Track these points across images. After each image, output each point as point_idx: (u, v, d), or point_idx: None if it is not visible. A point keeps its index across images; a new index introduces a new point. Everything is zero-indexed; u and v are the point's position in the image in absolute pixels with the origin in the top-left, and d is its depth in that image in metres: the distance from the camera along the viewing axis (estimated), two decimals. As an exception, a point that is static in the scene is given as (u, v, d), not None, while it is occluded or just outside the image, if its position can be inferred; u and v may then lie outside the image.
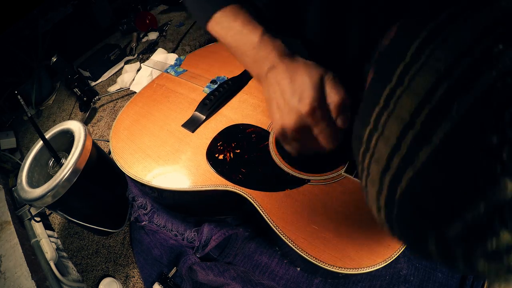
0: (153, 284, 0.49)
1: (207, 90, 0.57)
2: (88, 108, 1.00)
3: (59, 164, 0.53)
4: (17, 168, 0.78)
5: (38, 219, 0.61)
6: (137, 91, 0.94)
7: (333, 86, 0.34)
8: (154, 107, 0.57)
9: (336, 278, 0.43)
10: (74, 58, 1.31)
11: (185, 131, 0.51)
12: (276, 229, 0.37)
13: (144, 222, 0.54)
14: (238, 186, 0.42)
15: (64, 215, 0.52)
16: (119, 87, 1.04)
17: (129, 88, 0.99)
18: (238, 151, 0.46)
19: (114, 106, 1.00)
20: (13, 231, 0.56)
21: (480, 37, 0.12)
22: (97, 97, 1.03)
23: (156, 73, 0.91)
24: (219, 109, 0.53)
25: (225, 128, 0.50)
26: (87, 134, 0.52)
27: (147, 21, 1.32)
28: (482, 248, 0.13)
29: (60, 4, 1.30)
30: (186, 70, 0.64)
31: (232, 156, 0.46)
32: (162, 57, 0.99)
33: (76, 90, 1.03)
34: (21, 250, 0.53)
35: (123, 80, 1.03)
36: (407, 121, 0.15)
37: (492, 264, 0.13)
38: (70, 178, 0.47)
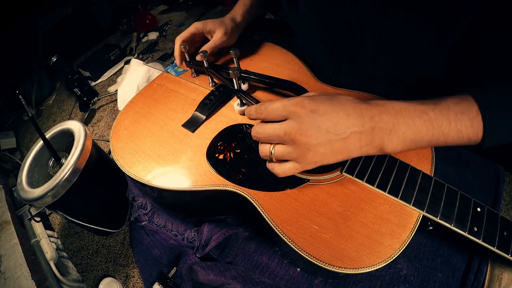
0: (153, 284, 0.49)
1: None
2: (88, 108, 1.00)
3: (59, 164, 0.53)
4: (17, 168, 0.78)
5: (38, 219, 0.61)
6: (119, 98, 0.92)
7: None
8: (154, 107, 0.57)
9: (336, 278, 0.43)
10: (74, 58, 1.31)
11: (185, 131, 0.51)
12: (276, 229, 0.37)
13: (144, 222, 0.54)
14: (238, 186, 0.42)
15: (64, 215, 0.52)
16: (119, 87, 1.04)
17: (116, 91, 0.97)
18: (238, 151, 0.46)
19: (114, 106, 1.00)
20: (13, 231, 0.56)
21: None
22: (97, 97, 1.03)
23: (144, 85, 0.89)
24: (219, 109, 0.53)
25: (225, 128, 0.50)
26: (87, 134, 0.52)
27: (147, 21, 1.32)
28: None
29: (60, 4, 1.30)
30: (186, 70, 0.64)
31: (232, 156, 0.46)
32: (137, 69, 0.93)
33: (76, 90, 1.03)
34: (21, 250, 0.53)
35: (123, 80, 1.03)
36: None
37: None
38: (70, 178, 0.47)
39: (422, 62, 0.45)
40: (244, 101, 0.51)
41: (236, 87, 0.49)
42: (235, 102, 0.52)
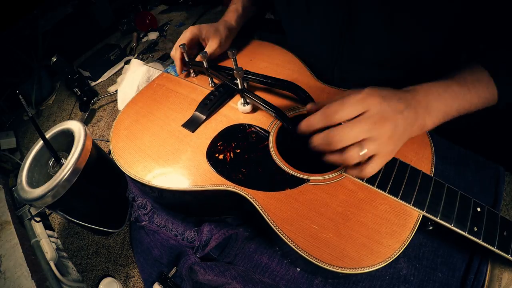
0: (153, 284, 0.49)
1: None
2: (88, 108, 1.00)
3: (59, 164, 0.53)
4: (17, 168, 0.78)
5: (38, 219, 0.61)
6: (119, 98, 0.92)
7: None
8: (154, 107, 0.57)
9: (336, 278, 0.43)
10: (74, 58, 1.31)
11: (185, 131, 0.51)
12: (276, 229, 0.37)
13: (144, 222, 0.54)
14: (238, 186, 0.42)
15: (64, 215, 0.52)
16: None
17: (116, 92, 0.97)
18: (238, 151, 0.46)
19: (114, 106, 1.00)
20: (13, 231, 0.56)
21: None
22: (97, 97, 1.03)
23: (144, 85, 0.89)
24: (219, 109, 0.53)
25: (225, 128, 0.50)
26: (87, 134, 0.52)
27: (147, 21, 1.32)
28: None
29: (60, 4, 1.30)
30: (186, 70, 0.64)
31: (232, 156, 0.46)
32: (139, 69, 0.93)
33: (76, 90, 1.03)
34: (21, 250, 0.53)
35: (123, 80, 1.03)
36: None
37: None
38: (70, 178, 0.47)
39: (422, 34, 0.46)
40: (248, 100, 0.51)
41: (240, 87, 0.49)
42: (238, 102, 0.52)
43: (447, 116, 0.39)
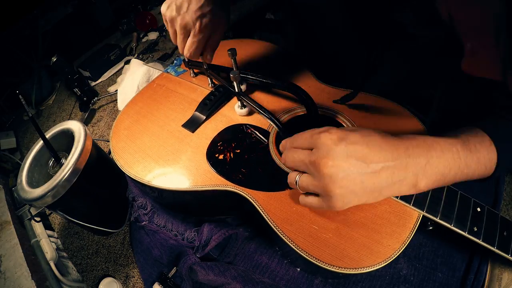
0: (153, 284, 0.49)
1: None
2: (88, 108, 1.00)
3: (59, 164, 0.53)
4: (17, 168, 0.78)
5: (38, 219, 0.61)
6: (119, 98, 0.92)
7: None
8: (154, 107, 0.57)
9: (336, 278, 0.43)
10: (74, 58, 1.31)
11: (186, 131, 0.51)
12: (276, 229, 0.37)
13: (144, 222, 0.54)
14: (238, 186, 0.42)
15: (64, 215, 0.52)
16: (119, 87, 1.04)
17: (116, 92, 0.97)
18: (238, 151, 0.46)
19: (114, 106, 1.00)
20: (13, 231, 0.56)
21: None
22: (97, 97, 1.03)
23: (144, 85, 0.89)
24: (219, 109, 0.53)
25: (225, 128, 0.50)
26: (87, 134, 0.52)
27: (147, 21, 1.32)
28: None
29: (60, 4, 1.30)
30: (186, 70, 0.64)
31: (232, 156, 0.46)
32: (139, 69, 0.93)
33: (76, 90, 1.03)
34: (21, 250, 0.53)
35: (123, 80, 1.03)
36: None
37: None
38: (70, 178, 0.47)
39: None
40: (244, 104, 0.51)
41: (236, 90, 0.49)
42: (236, 104, 0.52)
43: (442, 181, 0.34)
